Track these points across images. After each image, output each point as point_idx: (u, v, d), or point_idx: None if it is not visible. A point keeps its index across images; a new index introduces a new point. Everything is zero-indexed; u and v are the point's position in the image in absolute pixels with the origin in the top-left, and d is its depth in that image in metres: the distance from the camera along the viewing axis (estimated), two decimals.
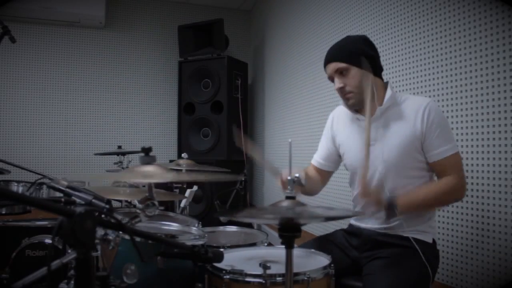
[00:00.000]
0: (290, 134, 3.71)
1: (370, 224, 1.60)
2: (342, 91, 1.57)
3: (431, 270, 1.46)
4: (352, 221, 1.71)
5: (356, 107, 1.61)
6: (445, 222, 1.88)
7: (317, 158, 1.82)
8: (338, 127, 1.74)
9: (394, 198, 1.42)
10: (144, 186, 1.46)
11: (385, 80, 1.63)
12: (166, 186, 2.23)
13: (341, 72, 1.55)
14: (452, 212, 1.85)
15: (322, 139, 1.84)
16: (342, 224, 1.81)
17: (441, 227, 1.90)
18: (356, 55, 1.53)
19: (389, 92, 1.55)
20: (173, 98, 4.76)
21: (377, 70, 1.59)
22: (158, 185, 1.30)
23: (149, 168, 1.16)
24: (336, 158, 1.78)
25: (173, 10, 4.88)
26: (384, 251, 1.51)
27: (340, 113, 1.74)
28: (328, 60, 1.60)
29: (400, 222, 1.52)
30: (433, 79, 1.97)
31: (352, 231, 1.67)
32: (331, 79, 1.61)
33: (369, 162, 1.46)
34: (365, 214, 1.61)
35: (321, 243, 1.66)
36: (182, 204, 2.17)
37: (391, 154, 1.51)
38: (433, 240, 1.56)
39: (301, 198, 1.34)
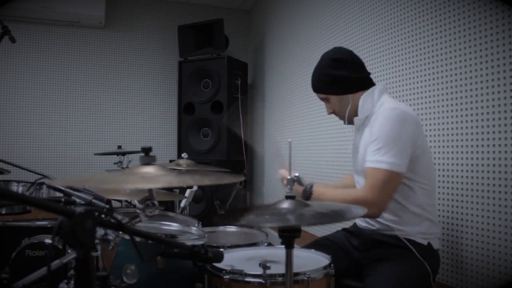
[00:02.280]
0: (290, 134, 3.71)
1: (371, 224, 1.60)
2: (334, 114, 1.69)
3: (432, 271, 1.46)
4: (357, 220, 1.71)
5: (351, 124, 1.69)
6: (445, 222, 1.88)
7: None
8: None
9: (311, 186, 1.50)
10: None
11: (373, 86, 1.64)
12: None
13: (325, 99, 1.67)
14: (452, 212, 1.85)
15: None
16: (344, 224, 1.81)
17: (442, 227, 1.89)
18: (327, 84, 1.61)
19: (360, 103, 1.59)
20: (173, 98, 4.77)
21: (353, 87, 1.60)
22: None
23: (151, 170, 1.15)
24: None
25: (173, 10, 4.88)
26: (385, 252, 1.52)
27: None
28: (313, 89, 1.70)
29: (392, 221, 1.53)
30: (433, 79, 1.97)
31: (353, 231, 1.67)
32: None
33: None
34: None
35: (322, 244, 1.66)
36: (182, 204, 2.17)
37: (361, 163, 1.54)
38: (428, 243, 1.54)
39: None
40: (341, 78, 1.58)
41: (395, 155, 1.39)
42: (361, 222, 1.67)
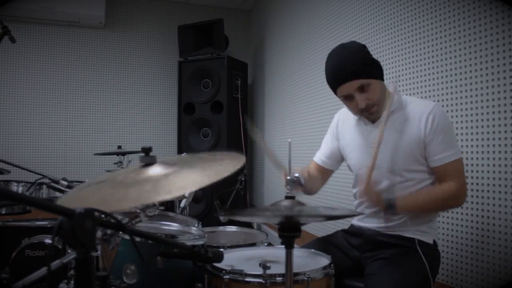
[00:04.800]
0: (290, 134, 3.71)
1: (372, 223, 1.60)
2: (367, 107, 1.49)
3: (432, 271, 1.46)
4: (354, 221, 1.71)
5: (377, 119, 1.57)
6: (446, 223, 1.88)
7: (321, 156, 1.81)
8: (344, 128, 1.73)
9: (393, 199, 1.42)
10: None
11: (390, 83, 1.63)
12: None
13: (362, 89, 1.46)
14: (453, 212, 1.85)
15: (326, 137, 1.83)
16: (343, 225, 1.81)
17: (442, 227, 1.90)
18: (371, 67, 1.48)
19: (395, 96, 1.55)
20: (173, 98, 4.76)
21: (383, 75, 1.57)
22: None
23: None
24: (339, 157, 1.77)
25: (173, 10, 4.88)
26: (385, 252, 1.51)
27: (346, 115, 1.72)
28: (344, 79, 1.47)
29: (403, 221, 1.53)
30: (433, 79, 1.97)
31: (353, 231, 1.67)
32: (349, 98, 1.51)
33: (375, 164, 1.42)
34: (365, 214, 1.61)
35: (321, 245, 1.65)
36: (182, 204, 2.17)
37: (395, 157, 1.51)
38: (434, 241, 1.56)
39: (301, 197, 1.34)
40: (378, 64, 1.51)
41: (456, 144, 1.51)
42: (360, 223, 1.66)
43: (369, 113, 1.53)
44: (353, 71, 1.45)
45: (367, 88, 1.46)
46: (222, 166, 1.04)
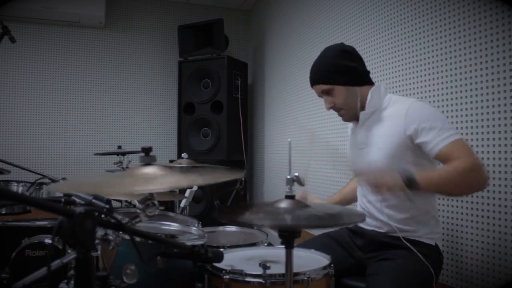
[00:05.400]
0: (290, 134, 3.71)
1: (374, 226, 1.61)
2: (333, 109, 1.62)
3: (434, 272, 1.46)
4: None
5: (351, 121, 1.67)
6: (447, 223, 1.88)
7: None
8: (349, 132, 1.82)
9: (410, 173, 1.34)
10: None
11: (378, 83, 1.64)
12: None
13: (327, 92, 1.59)
14: (453, 212, 1.85)
15: None
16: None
17: (443, 227, 1.89)
18: (336, 74, 1.55)
19: (368, 97, 1.56)
20: (173, 98, 4.76)
21: (361, 79, 1.59)
22: None
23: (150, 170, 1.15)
24: None
25: (173, 10, 4.88)
26: (388, 253, 1.51)
27: None
28: (311, 82, 1.62)
29: (406, 221, 1.53)
30: (433, 79, 1.97)
31: (357, 231, 1.67)
32: (321, 97, 1.64)
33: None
34: (366, 217, 1.59)
35: (325, 241, 1.66)
36: (182, 204, 2.17)
37: (379, 157, 1.52)
38: (436, 244, 1.55)
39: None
40: (351, 69, 1.56)
41: (448, 128, 1.43)
42: (363, 224, 1.66)
43: (338, 115, 1.65)
44: (316, 77, 1.60)
45: (331, 93, 1.58)
46: (219, 173, 1.06)
